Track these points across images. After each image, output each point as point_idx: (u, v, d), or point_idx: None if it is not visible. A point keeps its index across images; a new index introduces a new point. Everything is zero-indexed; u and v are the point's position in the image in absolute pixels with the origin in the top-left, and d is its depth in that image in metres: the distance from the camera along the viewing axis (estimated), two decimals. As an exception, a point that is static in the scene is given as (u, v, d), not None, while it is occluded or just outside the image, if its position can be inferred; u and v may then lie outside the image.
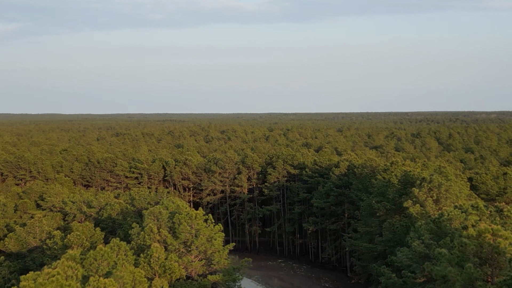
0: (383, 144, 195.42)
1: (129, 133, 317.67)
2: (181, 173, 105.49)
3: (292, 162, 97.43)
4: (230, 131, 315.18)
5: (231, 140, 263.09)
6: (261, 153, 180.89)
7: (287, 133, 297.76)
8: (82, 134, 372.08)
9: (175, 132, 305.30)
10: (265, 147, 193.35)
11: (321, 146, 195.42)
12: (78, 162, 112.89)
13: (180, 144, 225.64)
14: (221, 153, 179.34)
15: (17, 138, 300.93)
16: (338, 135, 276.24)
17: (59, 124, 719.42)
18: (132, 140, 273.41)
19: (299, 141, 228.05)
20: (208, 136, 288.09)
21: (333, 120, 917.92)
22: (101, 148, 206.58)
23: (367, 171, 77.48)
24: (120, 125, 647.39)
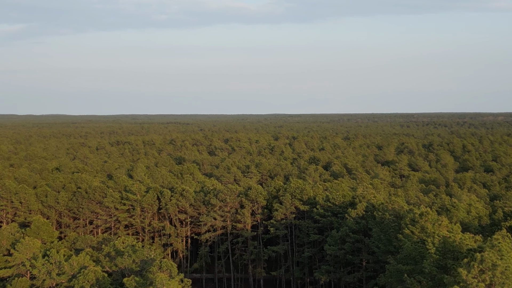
0: (396, 160, 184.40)
1: (130, 142, 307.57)
2: (178, 206, 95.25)
3: (301, 196, 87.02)
4: (234, 140, 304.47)
5: (235, 151, 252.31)
6: (266, 170, 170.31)
7: (293, 142, 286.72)
8: (83, 141, 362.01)
9: (177, 142, 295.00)
10: (270, 163, 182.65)
11: (329, 161, 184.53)
12: (65, 191, 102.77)
13: (181, 158, 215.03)
14: (224, 170, 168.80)
15: (14, 147, 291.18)
16: (346, 145, 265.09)
17: (61, 127, 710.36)
18: (132, 150, 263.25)
19: (305, 154, 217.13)
20: (211, 145, 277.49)
21: (339, 123, 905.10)
22: (97, 162, 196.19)
23: (390, 216, 66.98)
24: (123, 129, 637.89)
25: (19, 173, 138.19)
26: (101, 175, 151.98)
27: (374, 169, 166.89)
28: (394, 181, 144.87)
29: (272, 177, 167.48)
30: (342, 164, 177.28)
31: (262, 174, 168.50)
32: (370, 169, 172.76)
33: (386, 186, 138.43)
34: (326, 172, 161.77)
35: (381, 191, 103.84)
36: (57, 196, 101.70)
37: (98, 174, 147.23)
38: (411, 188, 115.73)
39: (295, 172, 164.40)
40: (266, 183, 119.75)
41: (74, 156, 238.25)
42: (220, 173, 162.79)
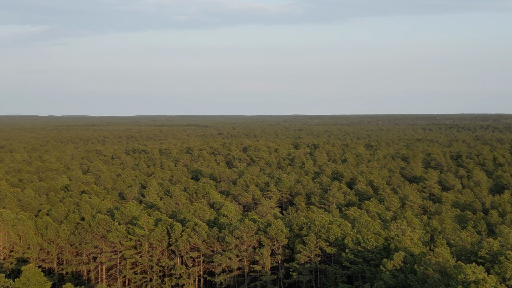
0: (424, 176, 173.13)
1: (146, 150, 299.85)
2: (189, 242, 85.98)
3: (328, 236, 77.02)
4: (253, 148, 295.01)
5: (254, 162, 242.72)
6: (286, 188, 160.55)
7: (314, 152, 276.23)
8: (100, 148, 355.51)
9: (194, 150, 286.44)
10: (290, 179, 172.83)
11: (353, 177, 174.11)
12: (67, 223, 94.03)
13: (197, 171, 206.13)
14: (241, 187, 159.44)
15: (29, 155, 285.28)
16: (369, 155, 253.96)
17: (80, 130, 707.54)
18: (148, 160, 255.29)
19: (327, 167, 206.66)
20: (229, 155, 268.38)
21: (359, 126, 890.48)
22: (110, 176, 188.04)
23: (434, 272, 56.88)
24: (142, 133, 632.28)
25: (23, 195, 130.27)
26: (111, 195, 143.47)
27: (402, 187, 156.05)
28: (425, 204, 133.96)
29: (293, 196, 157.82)
30: (367, 181, 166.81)
31: (282, 193, 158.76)
32: (397, 186, 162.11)
33: (418, 212, 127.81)
34: (350, 191, 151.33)
35: (417, 228, 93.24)
36: (58, 228, 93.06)
37: (107, 195, 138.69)
38: (447, 218, 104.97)
39: (317, 191, 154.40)
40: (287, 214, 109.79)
41: (88, 167, 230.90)
42: (237, 192, 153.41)
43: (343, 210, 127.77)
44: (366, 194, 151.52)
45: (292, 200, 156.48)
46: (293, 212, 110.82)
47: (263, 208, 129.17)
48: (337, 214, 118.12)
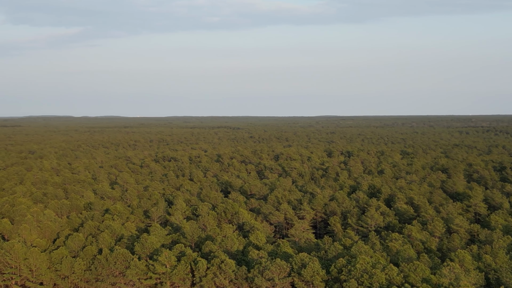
0: (468, 193, 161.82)
1: (176, 158, 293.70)
2: (215, 282, 77.88)
3: (371, 283, 67.87)
4: (285, 156, 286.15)
5: (286, 172, 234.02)
6: (320, 206, 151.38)
7: (348, 161, 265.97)
8: (130, 154, 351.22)
9: (224, 159, 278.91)
10: (324, 195, 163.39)
11: (392, 194, 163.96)
12: (83, 255, 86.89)
13: (227, 183, 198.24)
14: (273, 205, 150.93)
15: (58, 163, 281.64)
16: (406, 165, 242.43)
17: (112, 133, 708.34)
18: (177, 170, 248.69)
19: (363, 179, 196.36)
20: (260, 164, 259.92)
21: (393, 128, 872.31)
22: (137, 189, 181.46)
23: None
24: (173, 136, 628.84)
25: (43, 216, 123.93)
26: (136, 214, 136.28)
27: (445, 206, 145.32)
28: (472, 228, 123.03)
29: (328, 215, 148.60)
30: (406, 198, 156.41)
31: (316, 212, 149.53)
32: (439, 204, 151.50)
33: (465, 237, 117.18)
34: (389, 211, 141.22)
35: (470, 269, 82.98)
36: (73, 263, 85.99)
37: (131, 216, 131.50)
38: (500, 251, 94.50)
39: (354, 210, 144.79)
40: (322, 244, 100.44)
41: (116, 177, 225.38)
42: (268, 210, 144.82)
43: (383, 235, 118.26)
44: (407, 214, 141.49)
45: (327, 220, 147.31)
46: (329, 242, 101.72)
47: (296, 232, 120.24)
48: (377, 244, 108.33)
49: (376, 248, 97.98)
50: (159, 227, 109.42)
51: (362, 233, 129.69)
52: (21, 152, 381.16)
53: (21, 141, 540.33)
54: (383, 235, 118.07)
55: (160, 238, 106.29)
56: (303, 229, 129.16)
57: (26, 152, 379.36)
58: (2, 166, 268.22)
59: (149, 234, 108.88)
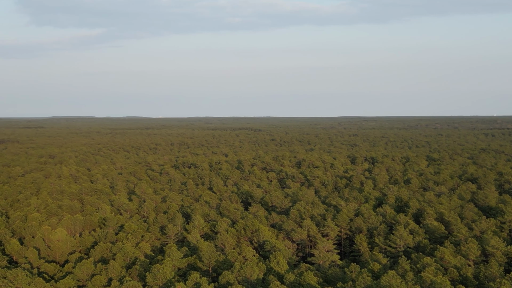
0: (501, 208, 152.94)
1: (196, 164, 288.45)
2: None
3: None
4: (307, 163, 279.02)
5: (308, 181, 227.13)
6: (345, 223, 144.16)
7: (373, 168, 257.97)
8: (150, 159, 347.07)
9: (245, 166, 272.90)
10: (349, 209, 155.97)
11: (420, 209, 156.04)
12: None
13: (248, 194, 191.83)
14: (295, 221, 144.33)
15: (76, 169, 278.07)
16: (433, 174, 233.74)
17: (133, 135, 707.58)
18: (196, 178, 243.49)
19: (389, 191, 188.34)
20: (282, 171, 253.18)
21: (417, 130, 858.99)
22: (155, 200, 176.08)
23: None
24: (194, 139, 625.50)
25: (54, 234, 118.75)
26: (152, 231, 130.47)
27: (478, 224, 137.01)
28: (509, 251, 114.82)
29: (353, 232, 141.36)
30: (436, 213, 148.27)
31: (341, 228, 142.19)
32: (471, 221, 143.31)
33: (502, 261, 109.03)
34: (419, 228, 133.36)
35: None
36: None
37: (147, 234, 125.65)
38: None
39: (381, 227, 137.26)
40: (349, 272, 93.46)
41: (134, 186, 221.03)
42: (290, 227, 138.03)
43: (413, 257, 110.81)
44: (438, 232, 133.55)
45: (352, 238, 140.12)
46: (356, 270, 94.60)
47: (320, 254, 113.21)
48: (408, 270, 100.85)
49: (407, 278, 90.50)
50: (175, 249, 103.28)
51: (391, 254, 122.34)
52: (41, 156, 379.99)
53: (42, 143, 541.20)
54: (413, 258, 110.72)
55: (175, 262, 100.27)
56: (327, 249, 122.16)
57: (47, 157, 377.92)
58: (20, 173, 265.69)
59: (164, 257, 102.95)
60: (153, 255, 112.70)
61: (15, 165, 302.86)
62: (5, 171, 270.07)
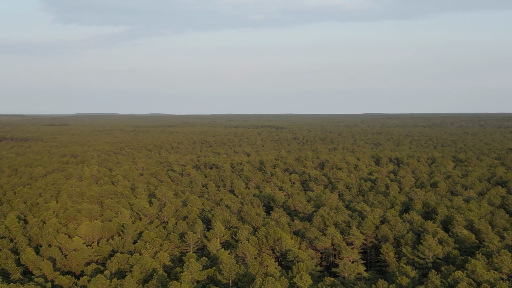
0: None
1: (217, 165, 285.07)
2: None
3: None
4: (330, 164, 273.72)
5: (332, 184, 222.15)
6: (371, 231, 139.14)
7: (398, 170, 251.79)
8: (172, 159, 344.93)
9: (267, 166, 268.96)
10: (375, 216, 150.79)
11: (449, 215, 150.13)
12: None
13: (270, 197, 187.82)
14: (318, 228, 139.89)
15: (98, 170, 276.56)
16: (460, 177, 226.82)
17: (156, 133, 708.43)
18: (218, 180, 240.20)
19: (416, 195, 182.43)
20: (304, 173, 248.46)
21: (442, 128, 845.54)
22: (175, 204, 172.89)
23: None
24: (216, 137, 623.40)
25: (71, 244, 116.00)
26: (171, 240, 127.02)
27: (510, 232, 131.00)
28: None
29: (379, 240, 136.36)
30: (466, 221, 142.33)
31: (366, 236, 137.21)
32: (503, 229, 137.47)
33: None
34: (448, 238, 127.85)
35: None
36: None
37: (165, 242, 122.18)
38: None
39: (408, 235, 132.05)
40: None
41: (155, 188, 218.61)
42: (313, 235, 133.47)
43: (444, 270, 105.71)
44: (468, 241, 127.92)
45: (378, 246, 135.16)
46: (384, 287, 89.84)
47: (345, 267, 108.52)
48: (437, 281, 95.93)
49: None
50: (194, 260, 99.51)
51: (419, 265, 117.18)
52: (64, 155, 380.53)
53: (66, 142, 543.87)
54: (444, 271, 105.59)
55: (194, 274, 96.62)
56: (352, 260, 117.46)
57: (69, 156, 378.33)
58: (42, 173, 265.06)
59: (182, 268, 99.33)
60: (172, 265, 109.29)
61: (37, 165, 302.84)
62: (27, 171, 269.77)
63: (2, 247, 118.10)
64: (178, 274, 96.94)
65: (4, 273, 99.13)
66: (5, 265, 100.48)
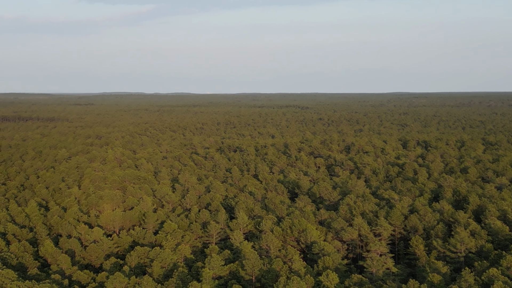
0: None
1: (241, 147, 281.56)
2: None
3: None
4: (356, 147, 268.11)
5: (358, 168, 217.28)
6: (399, 221, 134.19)
7: (426, 154, 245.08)
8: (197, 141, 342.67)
9: (292, 150, 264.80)
10: (403, 205, 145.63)
11: (481, 205, 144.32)
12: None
13: (295, 184, 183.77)
14: (344, 218, 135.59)
15: (121, 153, 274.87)
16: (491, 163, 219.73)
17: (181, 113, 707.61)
18: (242, 164, 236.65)
19: (445, 181, 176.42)
20: (330, 157, 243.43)
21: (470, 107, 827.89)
22: (198, 190, 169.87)
23: None
24: (241, 117, 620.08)
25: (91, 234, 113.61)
26: (193, 230, 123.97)
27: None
28: None
29: (408, 232, 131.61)
30: (499, 211, 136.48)
31: (395, 227, 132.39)
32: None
33: None
34: (480, 230, 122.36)
35: None
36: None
37: (187, 234, 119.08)
38: None
39: (439, 227, 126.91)
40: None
41: (178, 172, 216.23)
42: (340, 225, 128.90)
43: (477, 267, 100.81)
44: (501, 234, 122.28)
45: (407, 237, 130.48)
46: (415, 286, 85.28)
47: (373, 262, 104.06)
48: (471, 279, 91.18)
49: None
50: (215, 255, 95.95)
51: (450, 259, 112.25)
52: (88, 137, 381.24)
53: (91, 122, 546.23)
54: (477, 267, 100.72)
55: (216, 270, 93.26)
56: (380, 253, 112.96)
57: (94, 137, 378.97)
58: (66, 156, 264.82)
59: (204, 263, 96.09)
60: (193, 258, 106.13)
61: (62, 147, 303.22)
62: (51, 154, 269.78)
63: (21, 238, 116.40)
64: (200, 269, 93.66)
65: (22, 267, 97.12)
66: (22, 259, 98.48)
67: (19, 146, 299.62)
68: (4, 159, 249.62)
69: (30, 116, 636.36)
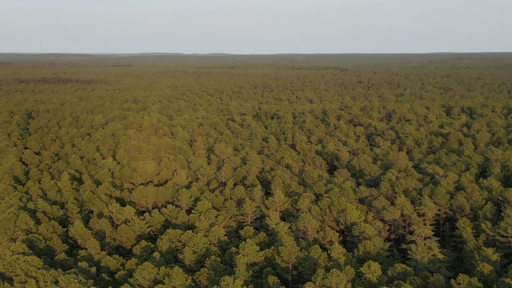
0: None
1: (279, 114, 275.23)
2: None
3: None
4: (397, 115, 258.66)
5: (400, 138, 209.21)
6: (444, 200, 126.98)
7: (472, 123, 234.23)
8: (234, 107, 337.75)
9: (331, 118, 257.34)
10: (449, 182, 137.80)
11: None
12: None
13: (333, 155, 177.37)
14: (386, 196, 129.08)
15: (158, 119, 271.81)
16: None
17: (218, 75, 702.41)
18: (278, 132, 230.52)
19: (493, 155, 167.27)
20: (370, 126, 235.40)
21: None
22: (234, 161, 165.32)
23: None
24: (278, 80, 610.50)
25: (122, 213, 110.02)
26: (228, 207, 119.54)
27: None
28: None
29: (454, 211, 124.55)
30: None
31: (440, 207, 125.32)
32: None
33: None
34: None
35: None
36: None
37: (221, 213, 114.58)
38: None
39: (487, 207, 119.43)
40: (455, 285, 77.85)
41: (214, 141, 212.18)
42: (381, 204, 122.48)
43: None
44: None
45: (453, 218, 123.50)
46: (465, 281, 78.93)
47: (418, 248, 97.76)
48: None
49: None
50: (250, 241, 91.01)
51: (500, 244, 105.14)
52: (126, 101, 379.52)
53: (129, 85, 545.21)
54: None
55: (250, 256, 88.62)
56: (424, 236, 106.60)
57: (131, 101, 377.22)
58: (102, 122, 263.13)
59: (238, 249, 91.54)
60: (227, 241, 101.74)
61: (99, 111, 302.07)
62: (88, 119, 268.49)
63: (52, 215, 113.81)
64: (233, 255, 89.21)
65: (49, 251, 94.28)
66: (51, 241, 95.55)
67: (56, 111, 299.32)
68: (41, 125, 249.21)
69: (69, 78, 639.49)
